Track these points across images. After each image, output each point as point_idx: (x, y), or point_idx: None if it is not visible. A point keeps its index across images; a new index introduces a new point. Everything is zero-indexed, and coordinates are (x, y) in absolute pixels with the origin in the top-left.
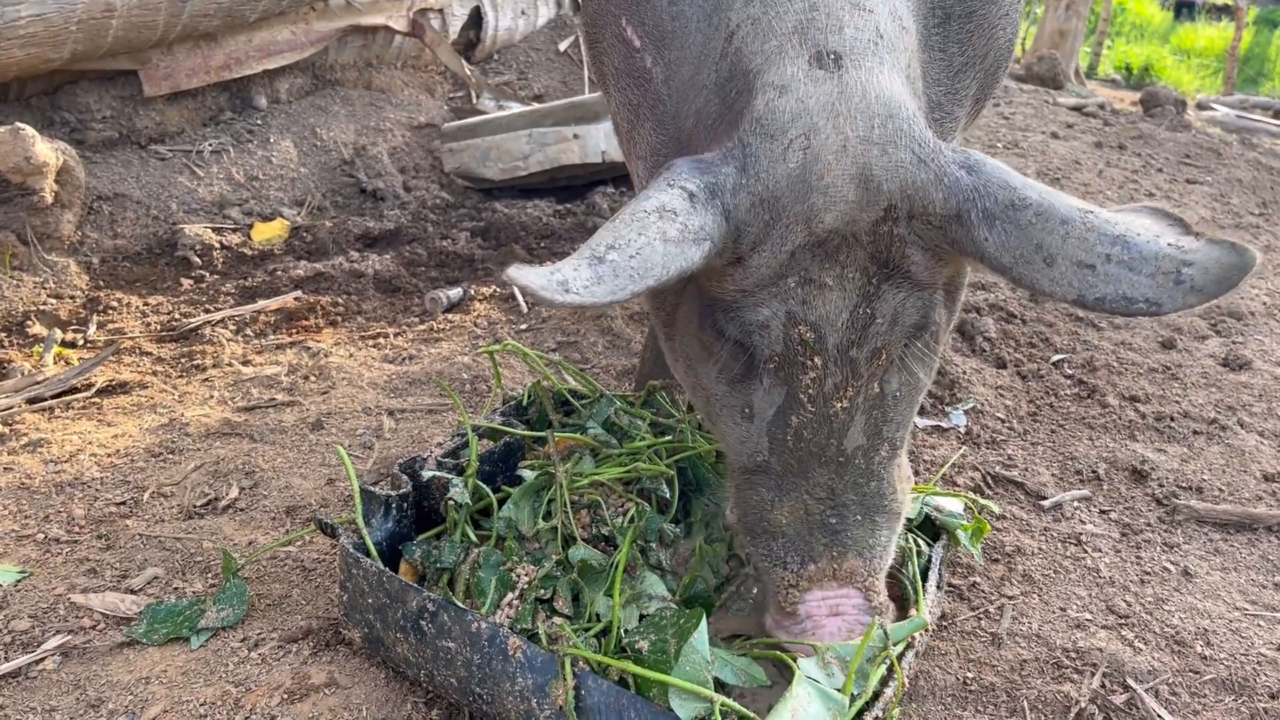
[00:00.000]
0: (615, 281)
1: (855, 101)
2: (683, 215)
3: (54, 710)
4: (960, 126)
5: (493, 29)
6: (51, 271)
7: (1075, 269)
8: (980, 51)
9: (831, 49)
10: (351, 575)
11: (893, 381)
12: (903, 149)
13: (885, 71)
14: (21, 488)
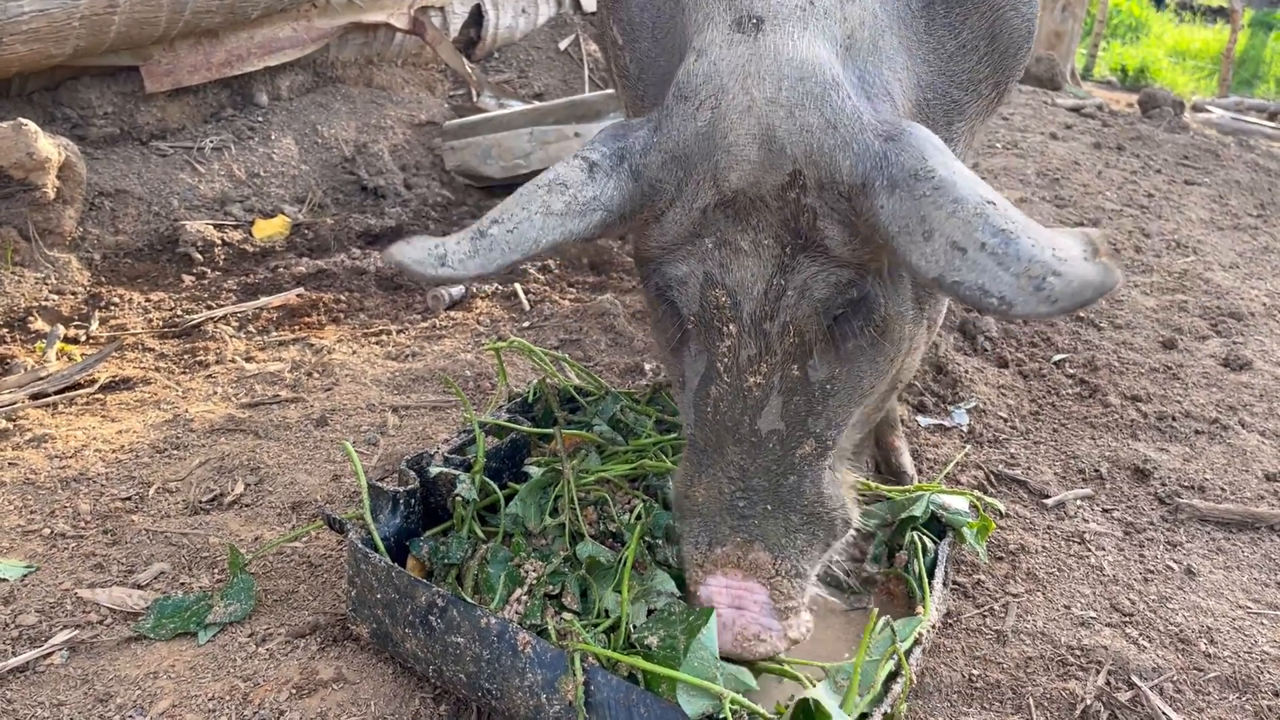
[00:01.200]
0: (489, 255)
1: (766, 64)
2: (574, 188)
3: (62, 705)
4: (974, 114)
5: (493, 27)
6: (53, 267)
7: (947, 248)
8: (980, 35)
9: (754, 14)
10: (360, 570)
11: (821, 369)
12: (810, 112)
13: (807, 36)
14: (27, 483)
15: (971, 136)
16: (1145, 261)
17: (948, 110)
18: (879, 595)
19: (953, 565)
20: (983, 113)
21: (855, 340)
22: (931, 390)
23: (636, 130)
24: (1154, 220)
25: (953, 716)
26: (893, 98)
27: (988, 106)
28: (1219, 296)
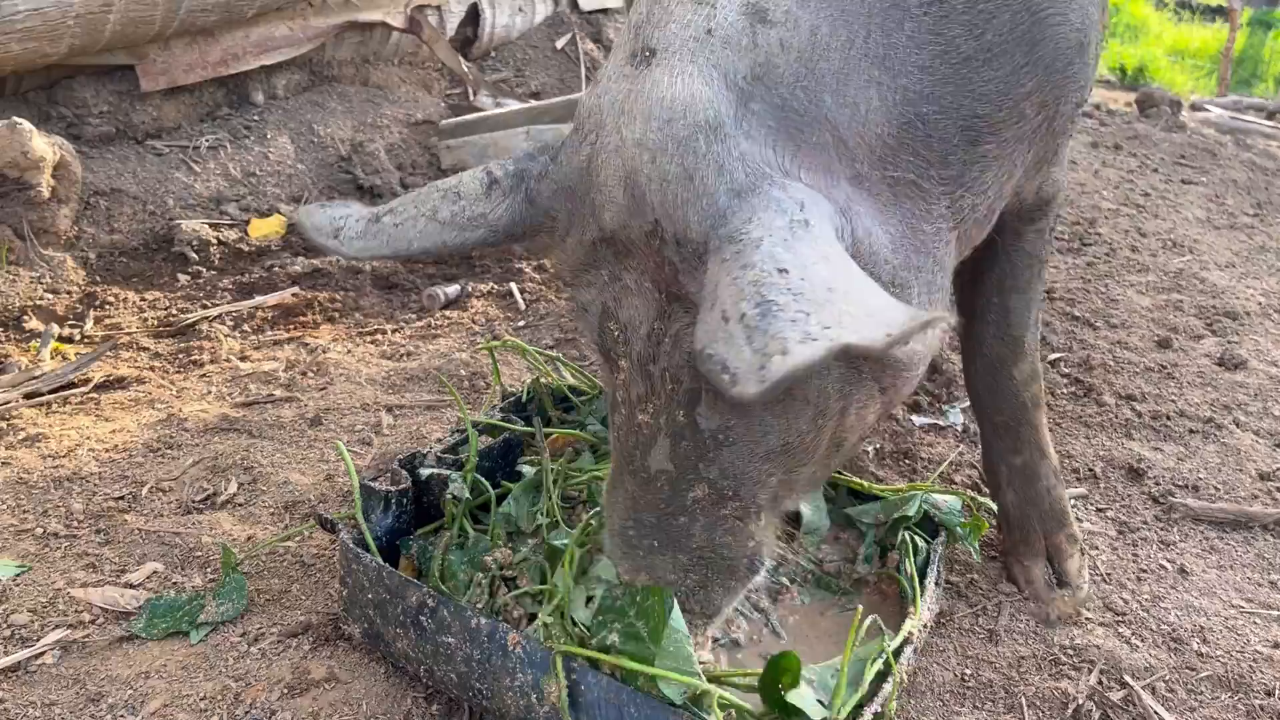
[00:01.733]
0: (371, 243)
1: (639, 101)
2: (466, 200)
3: (54, 705)
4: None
5: (490, 26)
6: (48, 266)
7: (718, 318)
8: (1014, 39)
9: (650, 45)
10: (351, 570)
11: (711, 418)
12: (671, 159)
13: (690, 71)
14: (20, 482)
15: (1013, 165)
16: (1141, 261)
17: (966, 128)
18: (871, 595)
19: (946, 565)
20: (1028, 138)
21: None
22: (926, 389)
23: (540, 155)
24: (1150, 219)
25: (945, 715)
26: (835, 125)
27: (1034, 131)
28: (1215, 296)
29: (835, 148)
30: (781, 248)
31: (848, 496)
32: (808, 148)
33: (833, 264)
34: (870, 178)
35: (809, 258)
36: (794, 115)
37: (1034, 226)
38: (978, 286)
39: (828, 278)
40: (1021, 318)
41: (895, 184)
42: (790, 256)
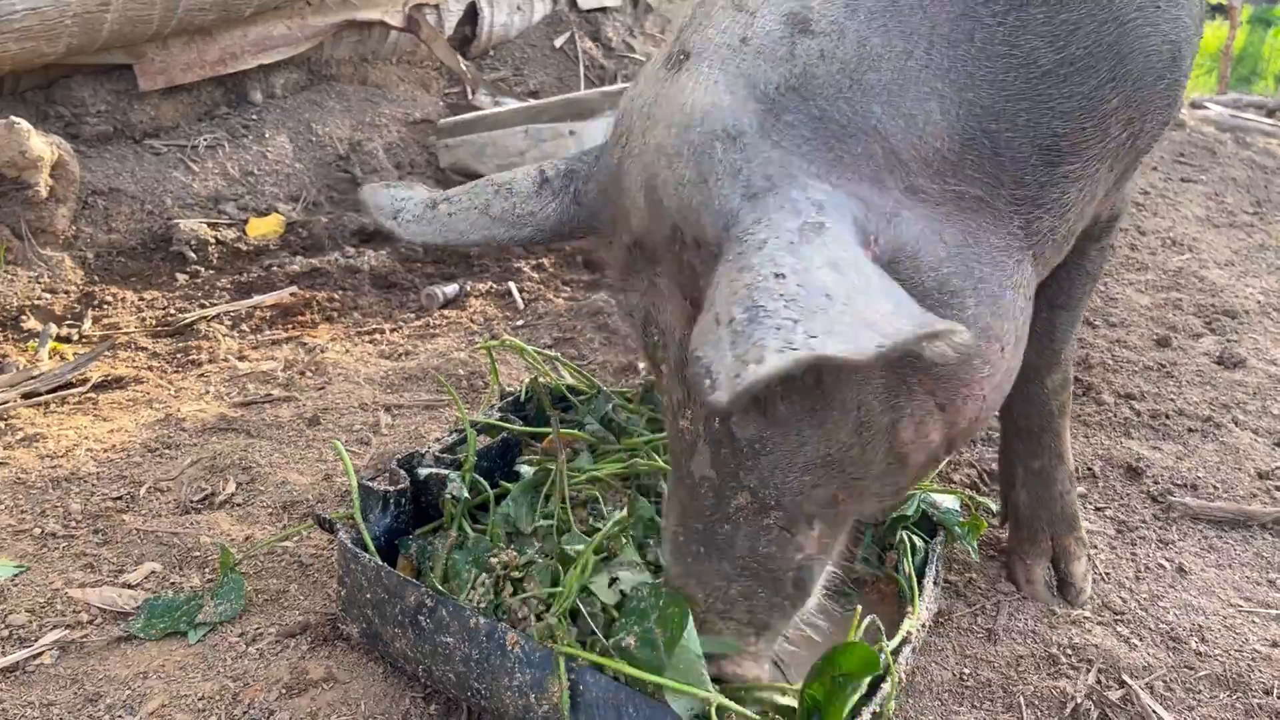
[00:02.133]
0: (427, 229)
1: (663, 106)
2: (518, 197)
3: (52, 705)
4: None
5: (488, 24)
6: (46, 266)
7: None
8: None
9: (685, 49)
10: (350, 570)
11: (746, 427)
12: (686, 164)
13: (716, 78)
14: (18, 483)
15: (1096, 185)
16: (1140, 259)
17: (1045, 148)
18: (870, 595)
19: (944, 564)
20: (1112, 157)
21: (780, 404)
22: None
23: (593, 154)
24: (1150, 218)
25: (944, 715)
26: (886, 137)
27: (1118, 148)
28: (1214, 294)
29: (885, 158)
30: (785, 251)
31: None
32: (851, 158)
33: (840, 269)
34: (929, 190)
35: (813, 262)
36: (835, 126)
37: (1099, 244)
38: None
39: (827, 284)
40: (1065, 333)
41: (960, 198)
42: (792, 260)
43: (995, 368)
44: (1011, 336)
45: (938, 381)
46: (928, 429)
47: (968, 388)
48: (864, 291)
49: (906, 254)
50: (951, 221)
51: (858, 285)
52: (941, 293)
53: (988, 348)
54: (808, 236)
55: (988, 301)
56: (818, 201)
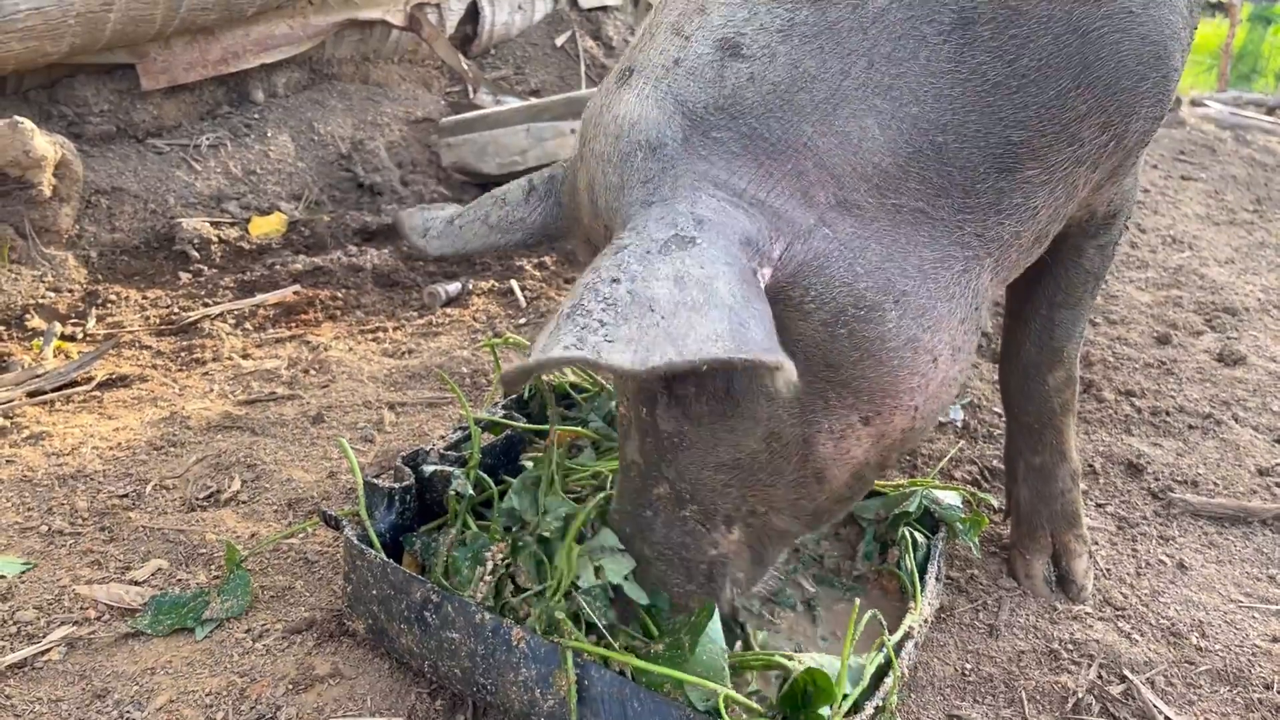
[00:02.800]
0: (444, 243)
1: (606, 117)
2: (510, 206)
3: (60, 701)
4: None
5: (489, 23)
6: (50, 265)
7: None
8: (1057, 63)
9: (631, 65)
10: (355, 567)
11: (667, 421)
12: (613, 170)
13: (648, 93)
14: (24, 480)
15: (1073, 188)
16: (1141, 257)
17: (999, 155)
18: (873, 591)
19: (946, 560)
20: (1091, 159)
21: (696, 404)
22: None
23: (573, 160)
24: (1150, 215)
25: (946, 709)
26: (818, 154)
27: (1098, 151)
28: (1214, 292)
29: (816, 174)
30: (635, 259)
31: None
32: (780, 174)
33: (683, 285)
34: (864, 205)
35: (657, 273)
36: (764, 143)
37: (1097, 241)
38: (1028, 295)
39: (658, 296)
40: (1066, 330)
41: (897, 211)
42: (637, 269)
43: (926, 379)
44: (945, 347)
45: (859, 396)
46: (848, 444)
47: (894, 399)
48: (696, 309)
49: (815, 270)
50: (881, 236)
51: (693, 302)
52: (856, 307)
53: (914, 359)
54: (669, 249)
55: (913, 314)
56: (699, 218)
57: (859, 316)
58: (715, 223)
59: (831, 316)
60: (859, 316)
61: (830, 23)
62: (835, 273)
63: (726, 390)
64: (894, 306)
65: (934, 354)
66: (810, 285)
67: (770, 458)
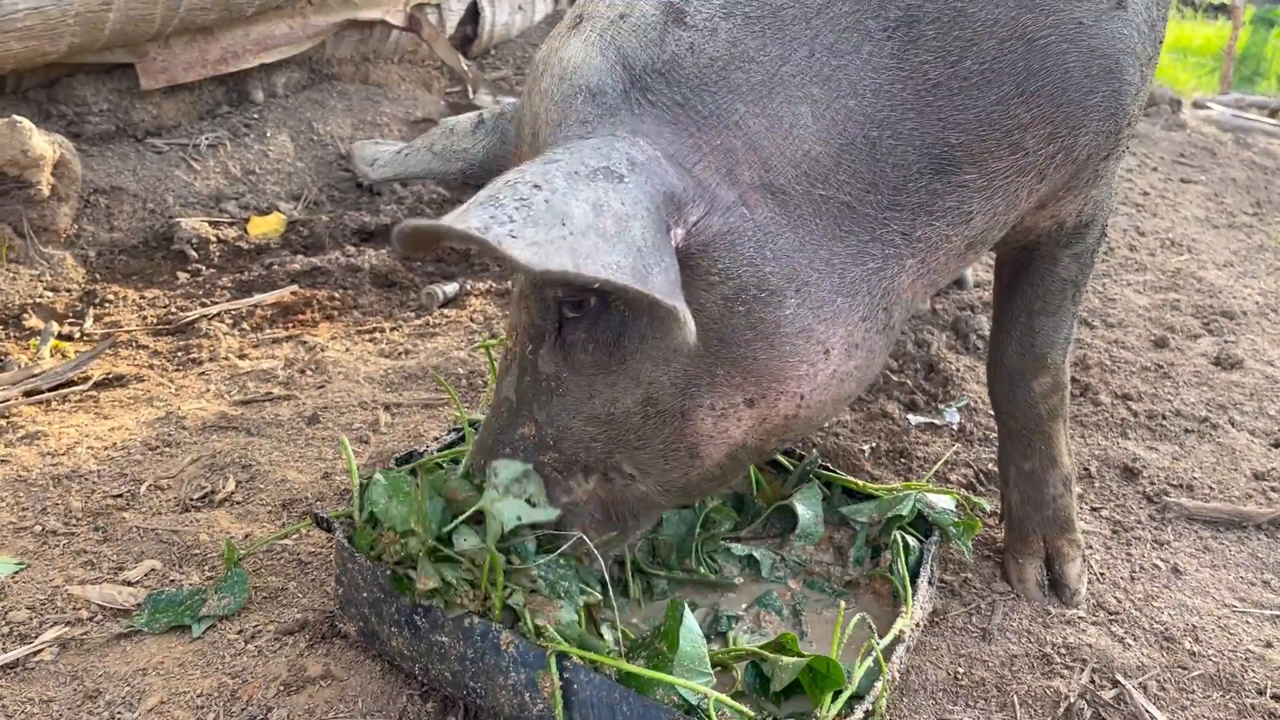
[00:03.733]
0: (386, 170)
1: (554, 58)
2: (456, 136)
3: (51, 701)
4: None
5: (489, 24)
6: (48, 264)
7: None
8: (999, 69)
9: (582, 13)
10: (347, 569)
11: (548, 363)
12: (555, 107)
13: (595, 41)
14: (19, 480)
15: (1016, 196)
16: (1139, 260)
17: (935, 157)
18: (864, 595)
19: (939, 564)
20: (1038, 169)
21: (581, 352)
22: (923, 389)
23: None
24: (1149, 218)
25: (938, 713)
26: (749, 134)
27: (1045, 161)
28: (1212, 295)
29: (744, 153)
30: (561, 175)
31: (843, 496)
32: (709, 147)
33: (600, 213)
34: (789, 191)
35: (578, 194)
36: (696, 114)
37: (1070, 250)
38: (1009, 302)
39: (573, 213)
40: (1047, 337)
41: (822, 201)
42: (561, 184)
43: (815, 369)
44: (840, 341)
45: (746, 376)
46: (728, 424)
47: (780, 384)
48: (606, 238)
49: (726, 245)
50: (799, 225)
51: (605, 231)
52: (759, 289)
53: (806, 347)
54: (595, 176)
55: (811, 304)
56: (633, 160)
57: (759, 298)
58: (646, 169)
59: (733, 293)
60: (759, 298)
61: (775, 7)
62: (744, 251)
63: (615, 343)
64: (795, 295)
65: (826, 346)
66: (718, 258)
67: (644, 421)
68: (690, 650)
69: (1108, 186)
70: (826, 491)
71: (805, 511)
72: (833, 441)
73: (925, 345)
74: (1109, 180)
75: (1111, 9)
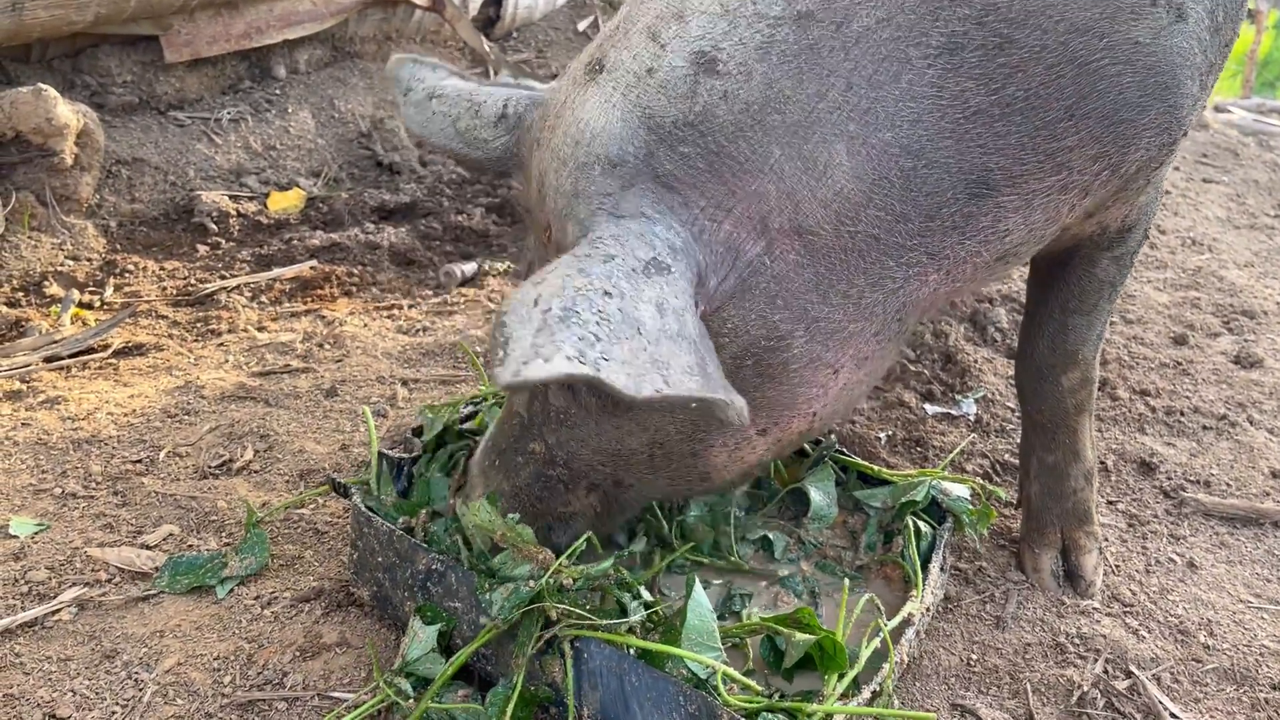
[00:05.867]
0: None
1: (569, 114)
2: (480, 121)
3: (69, 660)
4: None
5: (513, 6)
6: (69, 233)
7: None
8: (1047, 93)
9: (602, 59)
10: (363, 534)
11: (558, 397)
12: (570, 175)
13: (616, 102)
14: (39, 443)
15: (1057, 213)
16: (1160, 258)
17: (972, 182)
18: (875, 580)
19: (953, 551)
20: (1082, 187)
21: (588, 394)
22: (940, 379)
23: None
24: (1170, 217)
25: (950, 699)
26: (782, 178)
27: (1091, 179)
28: (1232, 294)
29: (778, 199)
30: (623, 275)
31: (858, 481)
32: (744, 194)
33: (663, 312)
34: (818, 231)
35: (643, 296)
36: (732, 162)
37: (1111, 253)
38: (1043, 297)
39: (644, 320)
40: (1080, 335)
41: (851, 237)
42: (626, 286)
43: (825, 389)
44: (849, 360)
45: (757, 412)
46: (742, 453)
47: (791, 411)
48: (673, 339)
49: (736, 303)
50: (819, 263)
51: (671, 331)
52: (767, 339)
53: (814, 374)
54: (649, 271)
55: (821, 336)
56: (672, 245)
57: (767, 348)
58: (685, 253)
59: (742, 350)
60: (767, 348)
61: (811, 42)
62: (754, 306)
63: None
64: (804, 333)
65: (835, 367)
66: (729, 318)
67: (650, 459)
68: (699, 624)
69: (1155, 192)
70: (842, 476)
71: (818, 495)
72: (849, 429)
73: (943, 336)
74: (1157, 186)
75: (1171, 23)
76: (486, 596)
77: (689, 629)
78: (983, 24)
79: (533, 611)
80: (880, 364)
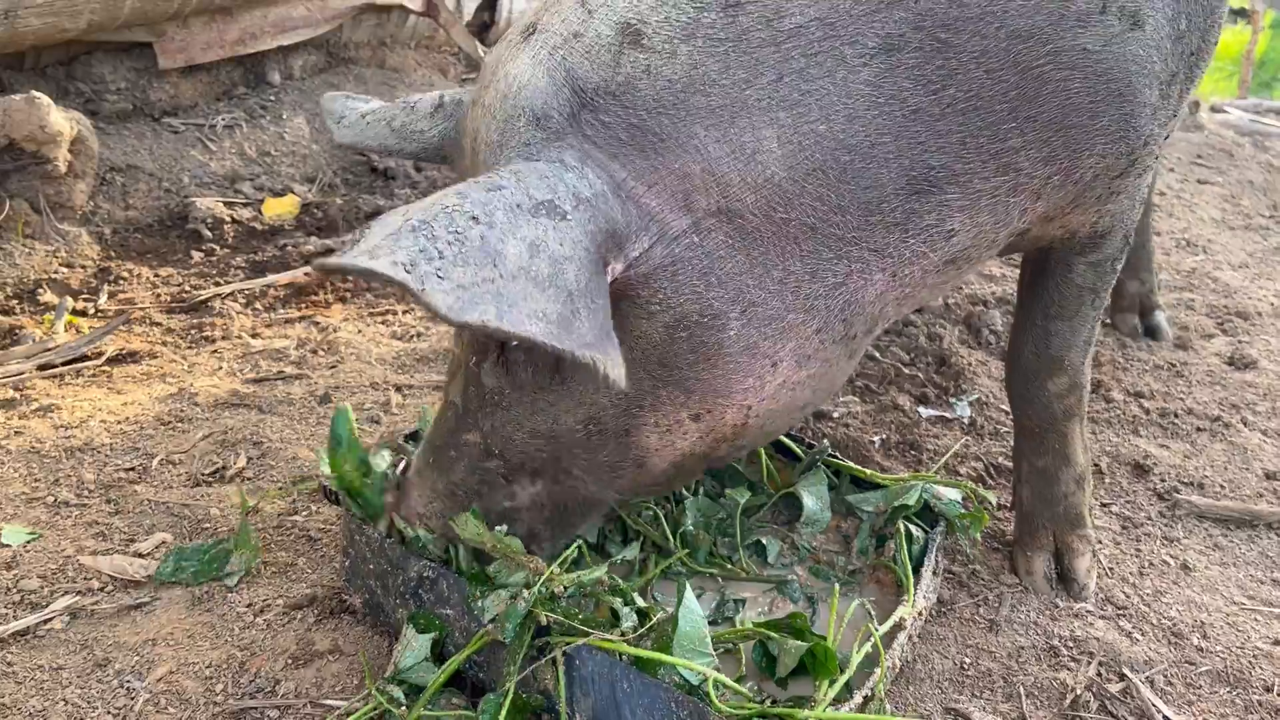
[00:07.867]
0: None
1: (501, 72)
2: (415, 117)
3: (61, 669)
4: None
5: (507, 11)
6: (63, 240)
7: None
8: (989, 95)
9: (536, 23)
10: (354, 541)
11: (490, 376)
12: (497, 127)
13: (543, 59)
14: (32, 451)
15: (1007, 215)
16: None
17: (913, 178)
18: (868, 585)
19: (946, 555)
20: (1033, 189)
21: (522, 370)
22: (934, 382)
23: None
24: (1165, 218)
25: (943, 702)
26: (708, 159)
27: (1043, 182)
28: (1227, 295)
29: (702, 178)
30: (503, 208)
31: (851, 485)
32: (666, 170)
33: (535, 254)
34: (747, 215)
35: (515, 231)
36: (653, 137)
37: (1086, 259)
38: (1028, 302)
39: (506, 254)
40: (1064, 340)
41: (784, 224)
42: (501, 218)
43: (762, 381)
44: (790, 355)
45: (689, 395)
46: (674, 438)
47: (725, 399)
48: (537, 281)
49: (668, 275)
50: (752, 248)
51: (538, 274)
52: (701, 315)
53: (751, 363)
54: (538, 212)
55: (758, 322)
56: (579, 195)
57: (701, 323)
58: (591, 205)
59: (675, 321)
60: (701, 323)
61: (740, 30)
62: (687, 280)
63: (555, 364)
64: (739, 316)
65: (774, 359)
66: (660, 288)
67: (587, 438)
68: (690, 630)
69: (1129, 200)
70: (835, 480)
71: (811, 499)
72: (843, 432)
73: (937, 339)
74: (1131, 194)
75: (1125, 30)
76: (478, 604)
77: (680, 635)
78: (920, 27)
79: (525, 619)
80: (825, 370)
